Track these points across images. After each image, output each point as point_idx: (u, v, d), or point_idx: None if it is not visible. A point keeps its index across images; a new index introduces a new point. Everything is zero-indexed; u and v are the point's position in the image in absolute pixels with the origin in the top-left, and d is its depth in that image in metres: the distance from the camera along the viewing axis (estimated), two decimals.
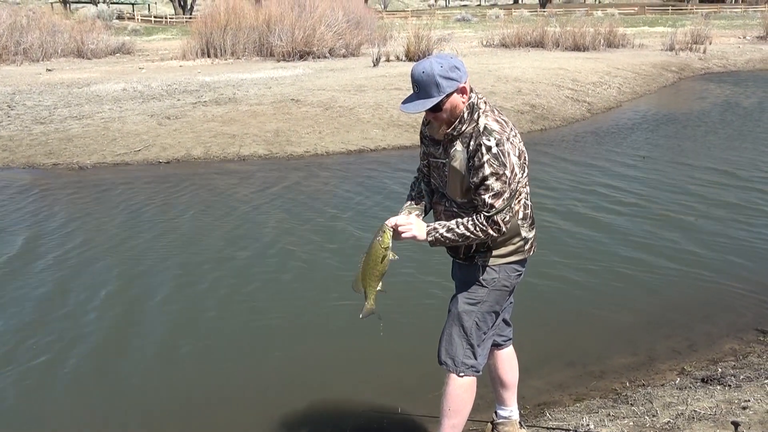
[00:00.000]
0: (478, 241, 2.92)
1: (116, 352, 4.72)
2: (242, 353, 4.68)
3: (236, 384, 4.30)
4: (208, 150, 10.83)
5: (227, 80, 17.70)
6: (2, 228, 7.33)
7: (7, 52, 25.37)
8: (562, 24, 29.18)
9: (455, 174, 2.91)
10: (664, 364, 4.45)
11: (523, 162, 2.93)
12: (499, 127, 2.85)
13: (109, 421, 3.97)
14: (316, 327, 5.01)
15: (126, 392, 4.24)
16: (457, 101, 2.85)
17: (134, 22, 54.79)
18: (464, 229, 2.87)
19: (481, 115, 2.87)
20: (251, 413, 3.98)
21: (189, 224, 7.42)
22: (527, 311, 4.89)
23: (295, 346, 4.75)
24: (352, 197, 8.33)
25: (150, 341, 4.87)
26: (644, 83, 19.02)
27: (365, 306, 3.02)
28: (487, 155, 2.79)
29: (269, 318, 5.17)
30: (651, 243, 6.58)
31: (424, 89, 2.82)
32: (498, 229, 2.86)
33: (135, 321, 5.19)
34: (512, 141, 2.86)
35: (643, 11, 56.24)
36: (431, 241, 2.93)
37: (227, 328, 5.03)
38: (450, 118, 2.89)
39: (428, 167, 3.14)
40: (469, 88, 2.88)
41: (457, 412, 3.11)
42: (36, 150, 10.87)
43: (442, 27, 39.81)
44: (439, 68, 2.79)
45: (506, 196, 2.82)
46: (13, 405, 4.13)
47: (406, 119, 12.51)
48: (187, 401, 4.13)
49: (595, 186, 8.71)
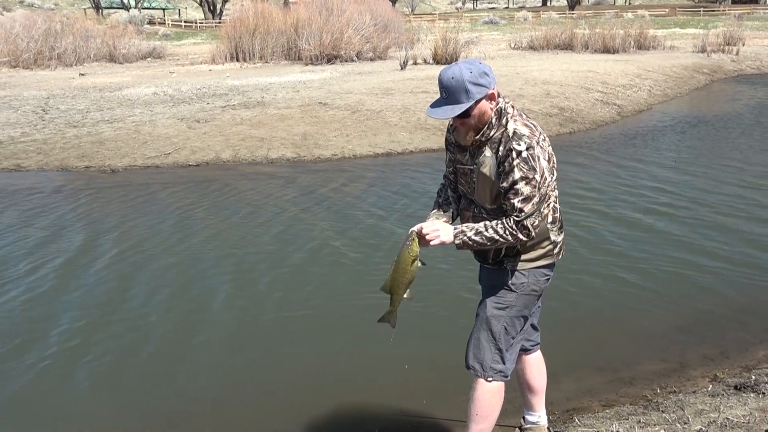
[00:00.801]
0: (506, 245, 2.90)
1: (179, 353, 4.76)
2: (288, 353, 4.70)
3: (270, 383, 4.31)
4: (237, 153, 10.92)
5: (256, 84, 17.83)
6: (60, 227, 7.44)
7: (42, 57, 25.83)
8: (592, 26, 28.97)
9: (484, 180, 2.90)
10: (696, 371, 4.39)
11: (552, 166, 2.91)
12: (529, 131, 2.83)
13: (172, 417, 4.01)
14: (347, 328, 5.02)
15: (186, 390, 4.28)
16: (485, 107, 2.83)
17: (165, 27, 55.50)
18: (493, 232, 2.85)
19: (509, 119, 2.85)
20: (281, 412, 4.00)
21: (237, 225, 7.48)
22: (556, 316, 4.86)
23: (328, 347, 4.76)
24: (392, 199, 8.32)
25: (212, 341, 4.90)
26: (675, 85, 18.80)
27: (386, 311, 3.05)
28: (517, 159, 2.77)
29: (312, 317, 5.18)
30: (682, 248, 6.49)
31: (453, 95, 2.79)
32: (527, 234, 2.84)
33: (197, 320, 5.22)
34: (542, 145, 2.84)
35: (674, 13, 55.60)
36: (458, 244, 2.90)
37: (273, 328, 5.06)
38: (478, 125, 2.87)
39: (455, 174, 3.12)
40: (497, 93, 2.86)
41: (485, 417, 3.09)
42: (69, 153, 11.04)
43: (470, 30, 39.71)
44: (468, 74, 2.77)
45: (536, 200, 2.80)
46: (83, 400, 4.21)
47: (433, 122, 12.49)
48: (228, 398, 4.15)
49: (625, 189, 8.62)
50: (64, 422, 4.02)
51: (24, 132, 12.31)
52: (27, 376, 4.48)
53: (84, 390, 4.33)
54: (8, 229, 7.50)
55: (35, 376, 4.47)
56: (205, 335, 5.00)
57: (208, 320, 5.24)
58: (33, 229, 7.49)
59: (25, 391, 4.31)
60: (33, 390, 4.33)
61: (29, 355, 4.73)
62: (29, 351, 4.78)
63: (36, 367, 4.57)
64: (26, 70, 24.74)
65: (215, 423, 3.96)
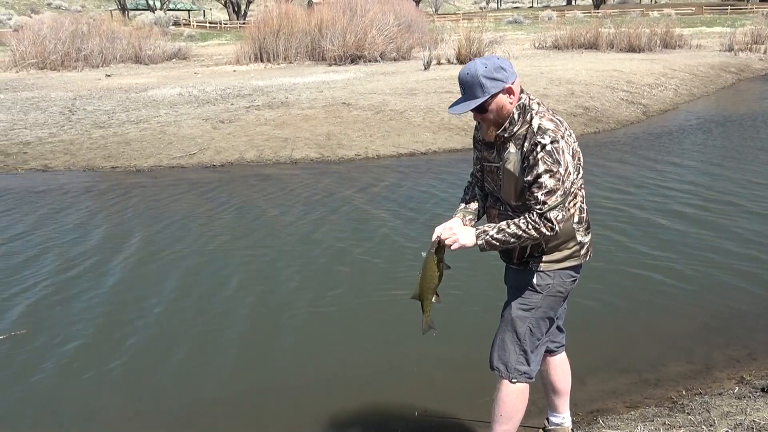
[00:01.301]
0: (530, 241, 2.86)
1: (207, 351, 4.80)
2: (313, 352, 4.72)
3: (295, 381, 4.33)
4: (261, 153, 10.98)
5: (280, 84, 17.92)
6: (89, 227, 7.55)
7: (69, 58, 26.17)
8: (617, 25, 28.73)
9: (509, 176, 2.89)
10: (722, 373, 4.34)
11: (578, 163, 2.89)
12: (554, 126, 2.82)
13: (197, 416, 4.05)
14: (372, 328, 5.03)
15: (211, 388, 4.32)
16: (503, 102, 2.83)
17: (190, 28, 55.96)
18: (515, 228, 2.82)
19: (534, 115, 2.84)
20: (305, 410, 4.02)
21: (263, 226, 7.52)
22: (581, 317, 4.83)
23: (353, 346, 4.78)
24: (417, 199, 8.32)
25: (238, 339, 4.94)
26: (702, 85, 18.60)
27: (423, 320, 3.08)
28: (541, 153, 2.76)
29: (337, 317, 5.21)
30: (708, 248, 6.42)
31: (469, 90, 2.82)
32: (551, 227, 2.80)
33: (224, 319, 5.27)
34: (567, 140, 2.82)
35: (701, 11, 54.98)
36: (481, 244, 2.89)
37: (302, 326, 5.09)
38: (497, 119, 2.87)
39: (482, 172, 3.11)
40: (519, 89, 2.86)
41: (509, 418, 3.08)
42: (95, 153, 11.18)
43: (494, 29, 39.55)
44: (483, 69, 2.79)
45: (560, 193, 2.78)
46: (110, 396, 4.26)
47: (457, 122, 12.48)
48: (251, 396, 4.19)
49: (650, 188, 8.54)
50: (92, 421, 4.07)
51: (51, 133, 12.48)
52: (50, 372, 4.54)
53: (112, 387, 4.38)
54: (38, 228, 7.61)
55: (58, 374, 4.53)
56: (231, 333, 5.04)
57: (235, 319, 5.27)
58: (63, 228, 7.59)
59: (47, 389, 4.37)
60: (57, 387, 4.39)
61: (53, 352, 4.80)
62: (54, 349, 4.85)
63: (60, 364, 4.64)
64: (53, 71, 25.08)
65: (240, 420, 3.98)
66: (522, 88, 2.89)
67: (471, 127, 12.39)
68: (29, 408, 4.17)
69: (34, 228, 7.62)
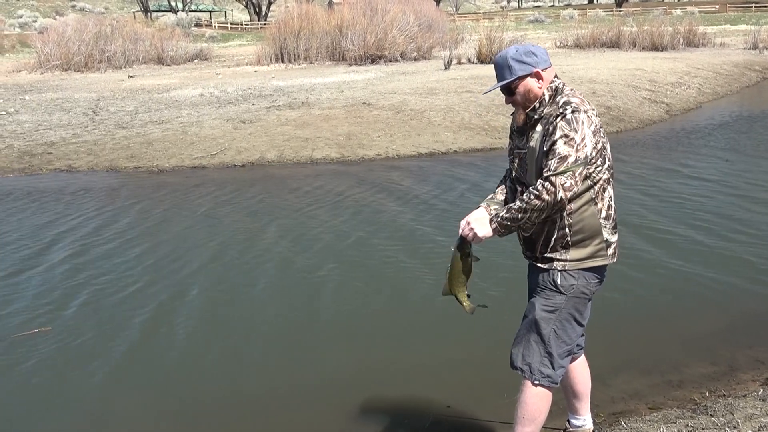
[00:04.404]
0: (536, 213, 2.80)
1: (229, 352, 4.84)
2: (337, 350, 4.73)
3: (318, 380, 4.35)
4: (282, 153, 11.02)
5: (300, 85, 17.99)
6: (115, 227, 7.63)
7: (93, 60, 26.46)
8: (639, 23, 28.53)
9: (533, 154, 2.91)
10: (746, 374, 4.28)
11: (602, 148, 2.88)
12: (578, 101, 2.87)
13: (216, 418, 4.08)
14: (396, 327, 5.03)
15: (234, 388, 4.35)
16: (530, 85, 2.90)
17: (211, 29, 56.37)
18: (520, 202, 2.82)
19: (563, 96, 2.90)
20: (327, 410, 4.03)
21: (287, 226, 7.55)
22: (603, 317, 4.79)
23: (377, 345, 4.79)
24: (439, 198, 8.32)
25: (262, 338, 4.97)
26: (726, 83, 18.40)
27: (465, 308, 3.14)
28: (560, 121, 2.80)
29: (361, 317, 5.22)
30: (732, 248, 6.35)
31: (499, 72, 2.94)
32: (553, 192, 2.73)
33: (249, 318, 5.30)
34: (589, 115, 2.83)
35: (725, 9, 54.38)
36: (494, 228, 2.91)
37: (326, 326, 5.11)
38: (525, 102, 2.93)
39: (513, 161, 3.11)
40: (551, 76, 2.93)
41: (532, 420, 3.06)
42: (118, 154, 11.28)
43: (515, 29, 39.40)
44: (513, 52, 2.91)
45: (571, 160, 2.75)
46: (123, 397, 4.30)
47: (477, 122, 12.45)
48: (274, 394, 4.21)
49: (674, 189, 8.46)
50: (112, 421, 4.11)
51: (75, 133, 12.62)
52: (71, 370, 4.59)
53: (132, 386, 4.42)
54: (64, 228, 7.69)
55: (79, 372, 4.57)
56: (257, 334, 5.07)
57: (259, 319, 5.30)
58: (87, 228, 7.66)
59: (68, 387, 4.41)
60: (77, 386, 4.43)
61: (76, 351, 4.85)
62: (77, 347, 4.90)
63: (82, 363, 4.68)
64: (77, 72, 25.36)
65: (261, 420, 4.01)
66: (556, 75, 2.96)
67: (491, 127, 12.40)
68: (50, 405, 4.21)
69: (60, 227, 7.69)
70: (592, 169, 2.86)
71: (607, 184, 2.95)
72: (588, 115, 2.82)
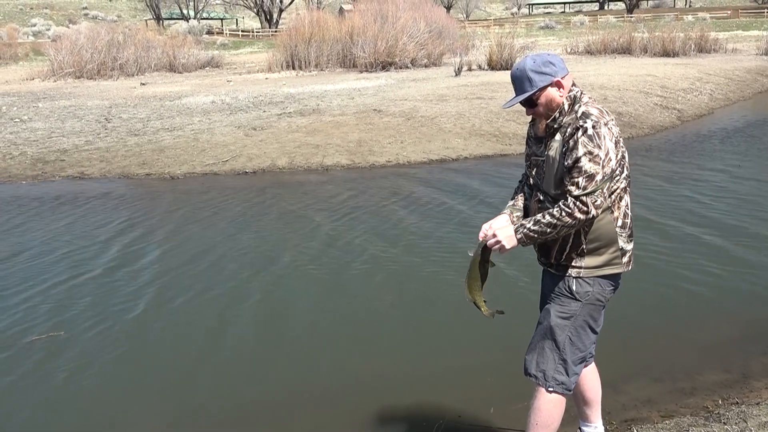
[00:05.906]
0: (565, 229, 2.82)
1: (240, 357, 4.86)
2: (348, 356, 4.74)
3: (330, 385, 4.35)
4: (293, 160, 11.05)
5: (311, 92, 18.04)
6: (130, 234, 7.67)
7: (105, 67, 26.67)
8: (651, 29, 28.47)
9: (551, 163, 2.90)
10: (760, 382, 4.25)
11: (621, 158, 2.87)
12: (598, 113, 2.84)
13: (230, 422, 4.09)
14: (409, 333, 5.03)
15: (245, 392, 4.36)
16: (552, 95, 2.88)
17: (223, 37, 56.65)
18: (550, 217, 2.81)
19: (581, 105, 2.88)
20: (337, 416, 4.03)
21: (297, 233, 7.56)
22: (615, 324, 4.76)
23: (389, 351, 4.78)
24: (450, 206, 8.32)
25: (273, 345, 4.98)
26: (738, 89, 18.32)
27: (483, 313, 3.14)
28: (582, 137, 2.77)
29: (373, 323, 5.22)
30: (745, 255, 6.31)
31: (519, 85, 2.90)
32: (586, 211, 2.77)
33: (263, 323, 5.32)
34: (609, 126, 2.82)
35: (737, 15, 54.18)
36: (519, 238, 2.89)
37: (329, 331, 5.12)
38: (547, 112, 2.92)
39: (530, 168, 3.11)
40: (569, 83, 2.91)
41: (545, 427, 3.05)
42: (130, 161, 11.35)
43: (525, 35, 39.41)
44: (531, 63, 2.87)
45: (599, 178, 2.76)
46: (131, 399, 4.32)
47: (488, 128, 12.45)
48: (285, 399, 4.21)
49: (686, 195, 8.42)
50: (125, 425, 4.12)
51: (88, 140, 12.71)
52: (83, 373, 4.61)
53: (144, 391, 4.43)
54: (77, 233, 7.74)
55: (90, 375, 4.59)
56: (269, 340, 5.07)
57: (273, 325, 5.31)
58: (100, 233, 7.71)
59: (80, 390, 4.43)
60: (88, 389, 4.45)
61: (88, 355, 4.87)
62: (89, 351, 4.92)
63: (93, 366, 4.70)
64: (90, 80, 25.56)
65: (276, 425, 4.01)
66: (574, 83, 2.94)
67: (502, 133, 12.40)
68: (62, 409, 4.23)
69: (73, 232, 7.74)
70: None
71: (624, 193, 2.94)
72: (609, 127, 2.82)
